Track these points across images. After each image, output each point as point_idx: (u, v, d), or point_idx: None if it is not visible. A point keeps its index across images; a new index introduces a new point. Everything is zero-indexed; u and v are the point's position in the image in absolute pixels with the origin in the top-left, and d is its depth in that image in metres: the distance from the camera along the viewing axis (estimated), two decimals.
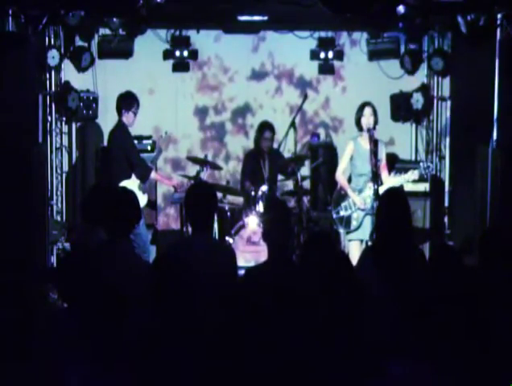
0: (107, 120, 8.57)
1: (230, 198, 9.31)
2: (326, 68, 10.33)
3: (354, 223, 7.60)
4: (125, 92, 8.34)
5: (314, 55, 10.24)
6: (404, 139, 10.57)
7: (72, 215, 9.52)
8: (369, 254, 5.33)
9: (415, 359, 3.60)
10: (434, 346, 3.64)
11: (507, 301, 4.31)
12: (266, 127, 9.19)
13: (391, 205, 5.26)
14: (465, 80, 9.51)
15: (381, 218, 5.31)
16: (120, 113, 8.17)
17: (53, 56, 8.74)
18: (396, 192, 5.83)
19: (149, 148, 9.53)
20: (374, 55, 10.05)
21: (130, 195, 5.15)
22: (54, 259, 8.90)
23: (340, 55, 10.25)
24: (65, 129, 9.69)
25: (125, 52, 9.58)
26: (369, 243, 7.32)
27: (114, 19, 8.71)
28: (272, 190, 8.85)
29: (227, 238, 8.60)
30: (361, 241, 7.59)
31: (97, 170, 9.73)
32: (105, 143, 8.88)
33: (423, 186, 9.42)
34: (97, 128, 9.92)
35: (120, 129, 8.17)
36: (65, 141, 9.73)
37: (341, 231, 7.89)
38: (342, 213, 7.68)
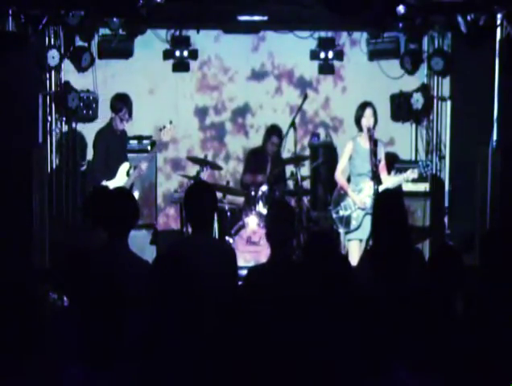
0: (107, 120, 8.56)
1: (230, 198, 9.32)
2: (326, 68, 10.33)
3: (354, 223, 7.60)
4: (117, 94, 8.31)
5: (314, 55, 10.23)
6: (404, 139, 10.57)
7: (72, 215, 9.51)
8: (368, 255, 5.35)
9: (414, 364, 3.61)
10: (434, 350, 3.64)
11: (508, 302, 4.32)
12: (274, 132, 9.18)
13: (386, 207, 5.27)
14: (465, 80, 9.50)
15: (376, 220, 5.33)
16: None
17: (53, 56, 8.73)
18: (390, 194, 5.86)
19: (149, 148, 9.52)
20: (374, 55, 10.05)
21: (128, 194, 5.16)
22: (54, 259, 8.89)
23: (340, 55, 10.24)
24: (65, 129, 9.68)
25: (125, 52, 9.57)
26: (370, 242, 7.33)
27: (114, 19, 8.71)
28: (273, 191, 8.86)
29: (227, 238, 8.61)
30: (361, 241, 7.59)
31: None
32: None
33: (423, 186, 9.43)
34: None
35: (102, 129, 8.27)
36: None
37: (341, 231, 7.89)
38: (342, 213, 7.69)
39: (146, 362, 3.69)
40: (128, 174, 8.09)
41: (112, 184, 7.69)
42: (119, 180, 7.97)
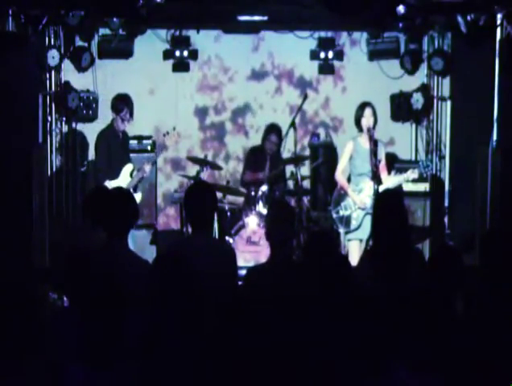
0: (107, 120, 8.58)
1: (230, 198, 9.31)
2: (326, 68, 10.33)
3: (354, 223, 7.60)
4: (119, 94, 8.30)
5: (314, 55, 10.24)
6: (404, 139, 10.57)
7: (72, 215, 9.51)
8: (368, 255, 5.35)
9: (413, 364, 3.61)
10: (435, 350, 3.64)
11: (508, 302, 4.32)
12: (273, 131, 9.18)
13: (386, 207, 5.28)
14: (465, 80, 9.51)
15: (376, 220, 5.33)
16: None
17: (53, 56, 8.73)
18: (391, 194, 5.86)
19: (149, 148, 9.53)
20: (374, 55, 10.05)
21: (128, 194, 5.17)
22: (54, 259, 8.89)
23: (340, 55, 10.24)
24: (65, 129, 9.68)
25: (125, 52, 9.58)
26: (370, 242, 7.33)
27: (114, 19, 8.72)
28: (273, 191, 8.87)
29: (227, 238, 8.61)
30: (361, 241, 7.59)
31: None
32: None
33: (423, 186, 9.43)
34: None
35: (104, 130, 8.26)
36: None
37: (341, 231, 7.90)
38: (342, 213, 7.68)
39: (146, 362, 3.69)
40: (131, 175, 8.10)
41: (114, 184, 7.70)
42: (122, 181, 7.98)
